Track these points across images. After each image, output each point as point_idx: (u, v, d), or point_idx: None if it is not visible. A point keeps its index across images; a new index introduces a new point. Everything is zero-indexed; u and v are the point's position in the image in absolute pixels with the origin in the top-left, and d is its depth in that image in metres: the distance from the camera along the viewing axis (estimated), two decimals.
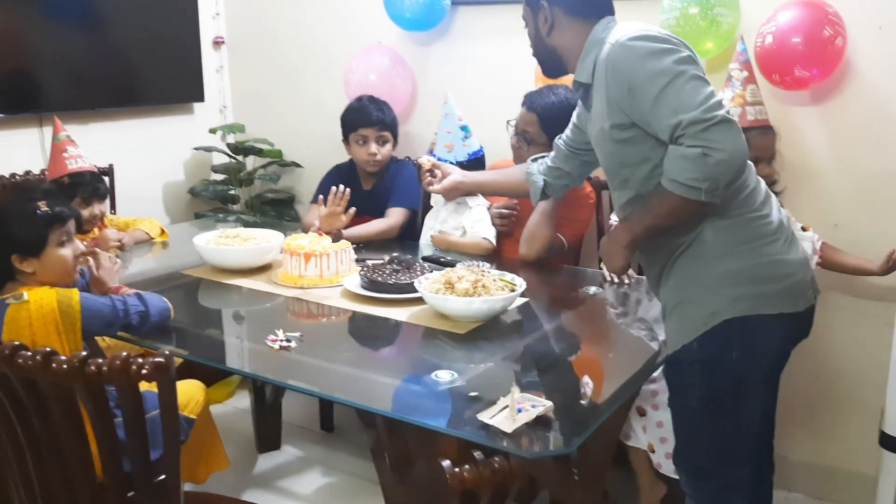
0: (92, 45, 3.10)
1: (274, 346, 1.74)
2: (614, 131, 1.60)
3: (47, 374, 1.16)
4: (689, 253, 1.61)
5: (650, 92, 1.49)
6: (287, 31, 3.46)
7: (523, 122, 2.46)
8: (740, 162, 1.48)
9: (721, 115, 1.44)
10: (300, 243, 2.21)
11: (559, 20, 1.71)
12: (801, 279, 1.62)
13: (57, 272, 1.74)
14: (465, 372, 1.62)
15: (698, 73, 1.51)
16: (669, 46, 1.52)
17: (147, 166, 3.24)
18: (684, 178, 1.47)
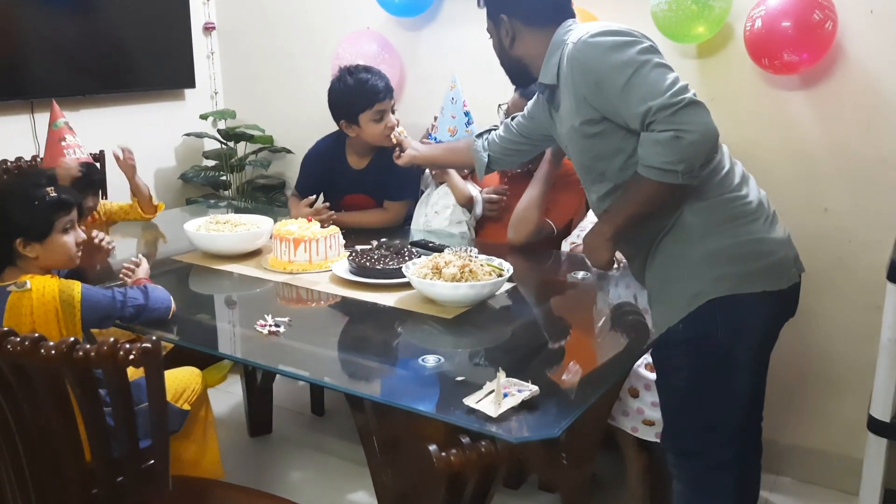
0: (83, 31, 3.09)
1: (263, 332, 1.75)
2: (585, 127, 1.63)
3: (36, 360, 1.17)
4: (670, 236, 1.63)
5: (617, 83, 1.53)
6: (277, 17, 3.45)
7: (516, 107, 2.46)
8: (712, 141, 1.50)
9: (689, 97, 1.48)
10: (289, 229, 2.22)
11: (520, 31, 1.76)
12: (784, 257, 1.64)
13: (60, 258, 1.76)
14: (452, 357, 1.64)
15: (661, 60, 1.54)
16: (630, 38, 1.55)
17: (138, 152, 3.20)
18: (659, 162, 1.49)
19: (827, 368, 2.53)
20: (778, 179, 2.37)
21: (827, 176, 2.42)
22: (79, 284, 1.68)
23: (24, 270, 1.71)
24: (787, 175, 2.42)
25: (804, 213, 2.37)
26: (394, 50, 3.09)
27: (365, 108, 2.52)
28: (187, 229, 2.34)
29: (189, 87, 3.49)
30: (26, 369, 1.20)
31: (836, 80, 2.36)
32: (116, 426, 1.31)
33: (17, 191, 1.76)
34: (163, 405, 1.29)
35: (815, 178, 2.43)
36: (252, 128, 3.48)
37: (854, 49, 2.32)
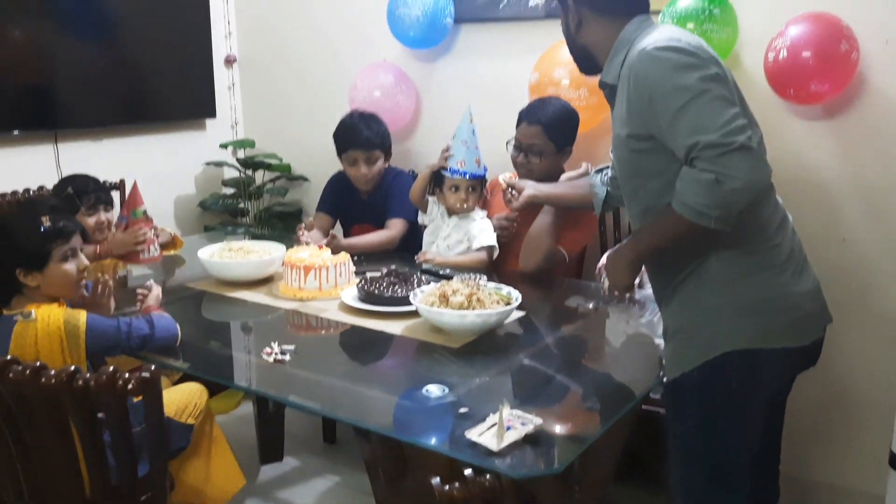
0: (107, 63, 3.16)
1: (269, 359, 1.76)
2: (631, 140, 1.55)
3: (36, 389, 1.19)
4: (693, 279, 1.56)
5: (670, 107, 1.43)
6: (297, 49, 3.51)
7: (528, 136, 2.47)
8: (755, 192, 1.42)
9: (741, 140, 1.38)
10: (300, 256, 2.23)
11: (586, 18, 1.66)
12: (809, 312, 1.56)
13: (61, 287, 1.77)
14: (457, 387, 1.62)
15: (724, 92, 1.44)
16: (697, 61, 1.45)
17: (159, 181, 3.29)
18: (695, 202, 1.41)
19: (848, 403, 2.46)
20: (795, 209, 2.33)
21: (845, 206, 2.38)
22: (84, 314, 1.69)
23: (31, 299, 1.74)
24: (805, 204, 2.39)
25: (822, 243, 2.33)
26: (410, 81, 3.13)
27: (341, 150, 2.81)
28: (201, 256, 2.37)
29: (210, 116, 3.55)
30: (28, 398, 1.22)
31: (857, 109, 2.32)
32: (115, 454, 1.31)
33: (16, 220, 1.80)
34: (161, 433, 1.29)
35: (833, 208, 2.39)
36: (270, 156, 3.52)
37: (875, 78, 2.28)
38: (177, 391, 1.98)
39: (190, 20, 3.42)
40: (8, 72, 2.86)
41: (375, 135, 2.77)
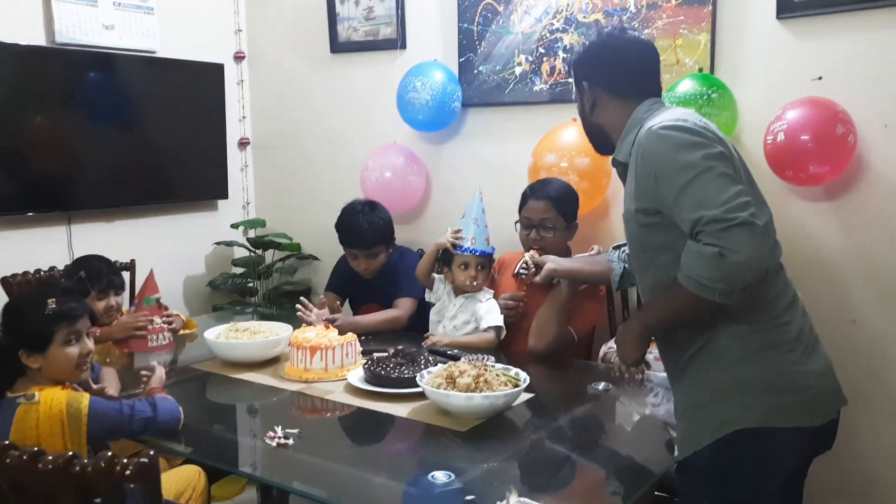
0: (122, 146, 3.25)
1: (272, 444, 1.73)
2: (639, 215, 1.59)
3: (33, 475, 1.17)
4: (702, 356, 1.56)
5: (675, 183, 1.47)
6: (308, 132, 3.60)
7: (538, 211, 2.51)
8: (758, 267, 1.43)
9: (744, 216, 1.40)
10: (307, 336, 2.23)
11: (600, 99, 1.72)
12: (821, 392, 1.54)
13: (61, 370, 1.76)
14: (464, 472, 1.59)
15: (727, 170, 1.47)
16: (702, 140, 1.49)
17: (169, 261, 3.32)
18: (699, 275, 1.43)
19: (862, 486, 2.39)
20: (802, 289, 2.32)
21: (853, 287, 2.37)
22: (87, 397, 1.68)
23: (35, 381, 1.73)
24: (812, 285, 2.37)
25: (832, 324, 2.31)
26: (420, 161, 3.19)
27: (343, 244, 2.87)
28: (207, 337, 2.37)
29: (222, 198, 3.62)
30: (25, 484, 1.20)
31: (858, 191, 2.35)
32: None
33: (24, 302, 1.80)
34: None
35: (842, 289, 2.38)
36: (280, 236, 3.57)
37: (875, 162, 2.32)
38: (175, 474, 1.94)
39: (205, 105, 3.53)
40: (25, 156, 2.94)
41: (376, 231, 2.78)
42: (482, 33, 2.97)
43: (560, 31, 2.80)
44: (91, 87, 3.13)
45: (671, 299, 1.54)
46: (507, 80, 2.94)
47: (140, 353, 2.48)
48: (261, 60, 3.72)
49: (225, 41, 3.66)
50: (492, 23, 2.94)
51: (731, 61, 2.52)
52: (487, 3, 2.93)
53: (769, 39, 2.46)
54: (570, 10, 2.77)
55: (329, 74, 3.49)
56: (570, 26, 2.78)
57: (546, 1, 2.82)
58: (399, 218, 3.05)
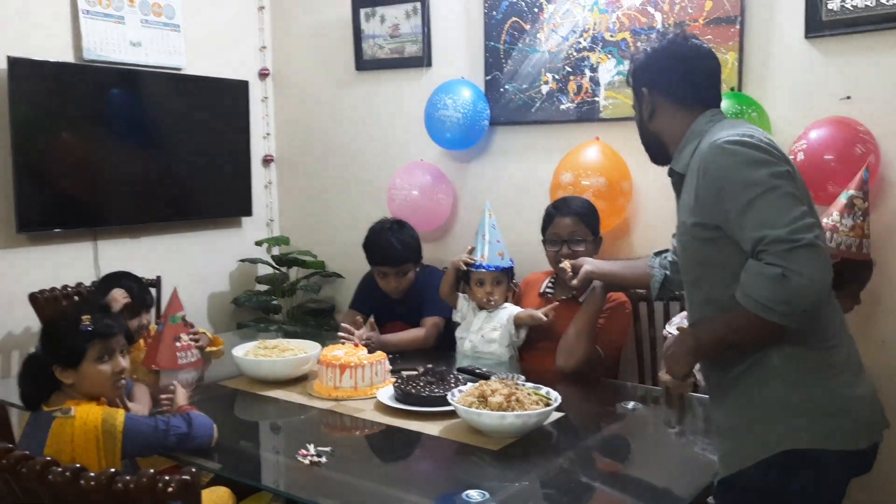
0: (149, 164, 3.28)
1: (304, 461, 1.72)
2: (696, 229, 1.56)
3: (76, 491, 1.17)
4: (752, 375, 1.54)
5: (739, 200, 1.44)
6: (334, 149, 3.62)
7: (566, 227, 2.51)
8: (821, 291, 1.40)
9: (809, 238, 1.37)
10: (336, 354, 2.22)
11: (660, 106, 1.68)
12: (867, 415, 1.53)
13: (95, 386, 1.76)
14: (498, 491, 1.57)
15: (793, 190, 1.45)
16: (768, 157, 1.47)
17: (194, 278, 3.34)
18: (760, 296, 1.40)
19: None
20: None
21: (880, 307, 2.34)
22: (123, 414, 1.69)
23: (70, 396, 1.74)
24: None
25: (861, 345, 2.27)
26: (447, 180, 3.20)
27: (372, 263, 2.86)
28: (235, 354, 2.37)
29: (246, 214, 3.64)
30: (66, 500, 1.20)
31: (882, 209, 2.33)
32: None
33: (62, 318, 1.81)
34: None
35: (869, 310, 2.35)
36: (304, 253, 3.58)
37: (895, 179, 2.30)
38: (205, 496, 1.93)
39: (230, 122, 3.56)
40: (53, 172, 2.97)
41: (406, 248, 2.78)
42: (508, 51, 2.98)
43: (587, 49, 2.81)
44: (118, 104, 3.17)
45: (729, 318, 1.51)
46: (534, 98, 2.95)
47: (168, 371, 2.49)
48: (285, 77, 3.75)
49: (250, 58, 3.70)
50: (518, 41, 2.95)
51: (759, 80, 2.52)
52: (514, 21, 2.95)
53: (797, 58, 2.46)
54: (598, 28, 2.78)
55: (354, 92, 3.51)
56: (597, 45, 2.79)
57: (573, 20, 2.83)
58: (426, 236, 3.05)
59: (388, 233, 2.80)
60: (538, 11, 2.90)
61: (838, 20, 2.35)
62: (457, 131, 2.97)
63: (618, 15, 2.74)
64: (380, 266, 2.81)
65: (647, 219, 2.83)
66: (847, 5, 2.33)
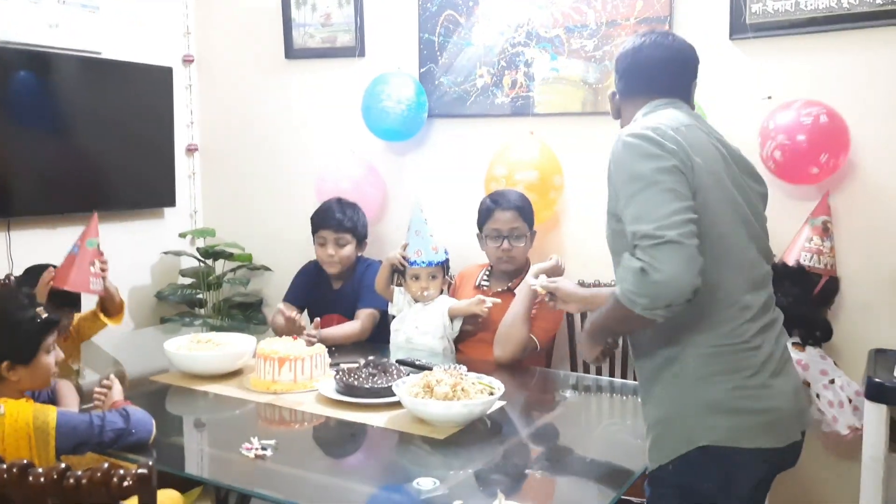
0: (65, 152, 3.12)
1: (249, 455, 1.69)
2: (611, 219, 1.60)
3: (24, 488, 1.11)
4: (669, 372, 1.56)
5: (624, 193, 1.50)
6: (261, 139, 3.54)
7: (507, 221, 2.54)
8: (680, 288, 1.40)
9: (672, 235, 1.40)
10: (274, 348, 2.18)
11: (619, 104, 1.76)
12: (785, 415, 1.55)
13: (41, 379, 1.72)
14: (446, 479, 1.59)
15: (675, 186, 1.46)
16: (658, 152, 1.49)
17: (114, 270, 3.18)
18: (625, 289, 1.44)
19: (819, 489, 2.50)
20: None
21: None
22: (54, 410, 1.61)
23: (0, 394, 1.64)
24: None
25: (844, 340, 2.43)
26: (377, 172, 3.18)
27: (314, 230, 2.86)
28: (167, 349, 2.29)
29: (170, 205, 3.52)
30: (12, 499, 1.13)
31: None
32: None
33: (10, 312, 1.71)
34: None
35: None
36: (231, 245, 3.49)
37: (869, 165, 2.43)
38: None
39: (152, 109, 3.43)
40: None
41: (348, 219, 2.81)
42: (444, 44, 2.99)
43: (522, 45, 2.85)
44: (31, 89, 2.99)
45: (610, 307, 1.55)
46: (469, 91, 2.97)
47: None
48: (211, 64, 3.64)
49: (173, 43, 3.57)
50: (454, 34, 2.97)
51: None
52: (449, 13, 2.96)
53: (722, 58, 2.57)
54: (532, 25, 2.83)
55: (283, 81, 3.44)
56: (531, 41, 2.84)
57: (508, 15, 2.87)
58: None
59: (335, 202, 2.86)
60: (473, 5, 2.92)
61: (761, 23, 2.47)
62: (398, 123, 2.96)
63: (552, 11, 2.79)
64: (321, 230, 2.81)
65: (578, 213, 2.90)
66: (769, 9, 2.45)
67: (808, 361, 2.35)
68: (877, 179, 2.42)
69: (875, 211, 2.42)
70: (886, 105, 2.38)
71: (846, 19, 2.36)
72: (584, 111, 2.79)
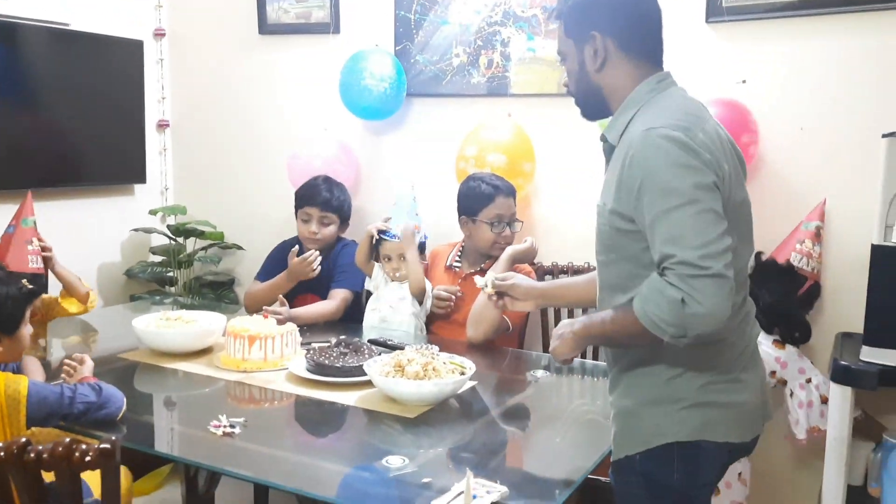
0: (30, 125, 3.04)
1: (217, 433, 1.68)
2: (614, 217, 1.46)
3: None
4: (640, 368, 1.53)
5: (656, 207, 1.35)
6: (232, 116, 3.49)
7: (510, 209, 2.54)
8: (718, 322, 1.33)
9: (718, 268, 1.31)
10: (245, 326, 2.16)
11: (611, 56, 1.50)
12: (752, 408, 1.54)
13: (18, 350, 1.72)
14: (416, 457, 1.59)
15: (714, 206, 1.35)
16: (697, 164, 1.35)
17: (83, 247, 3.15)
18: (655, 314, 1.35)
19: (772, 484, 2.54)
20: None
21: None
22: (26, 380, 1.60)
23: None
24: None
25: None
26: (351, 151, 3.15)
27: (298, 206, 2.83)
28: (136, 326, 2.26)
29: (140, 182, 3.46)
30: None
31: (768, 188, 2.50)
32: None
33: None
34: None
35: None
36: (203, 223, 3.44)
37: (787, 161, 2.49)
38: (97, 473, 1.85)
39: (122, 84, 3.36)
40: None
41: (335, 199, 2.79)
42: (420, 22, 2.96)
43: (498, 24, 2.83)
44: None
45: (621, 321, 1.45)
46: (445, 71, 2.95)
47: None
48: (183, 38, 3.57)
49: (144, 16, 3.50)
50: (430, 12, 2.94)
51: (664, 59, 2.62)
52: None
53: (698, 41, 2.57)
54: (509, 4, 2.81)
55: (257, 56, 3.39)
56: (508, 20, 2.82)
57: None
58: None
59: (320, 179, 2.84)
60: None
61: (737, 6, 2.48)
62: (379, 102, 2.92)
63: None
64: (306, 207, 2.79)
65: (551, 195, 2.89)
66: None
67: (787, 360, 2.37)
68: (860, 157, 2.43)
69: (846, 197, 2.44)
70: (860, 89, 2.40)
71: (821, 4, 2.38)
72: (560, 92, 2.76)
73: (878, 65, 2.36)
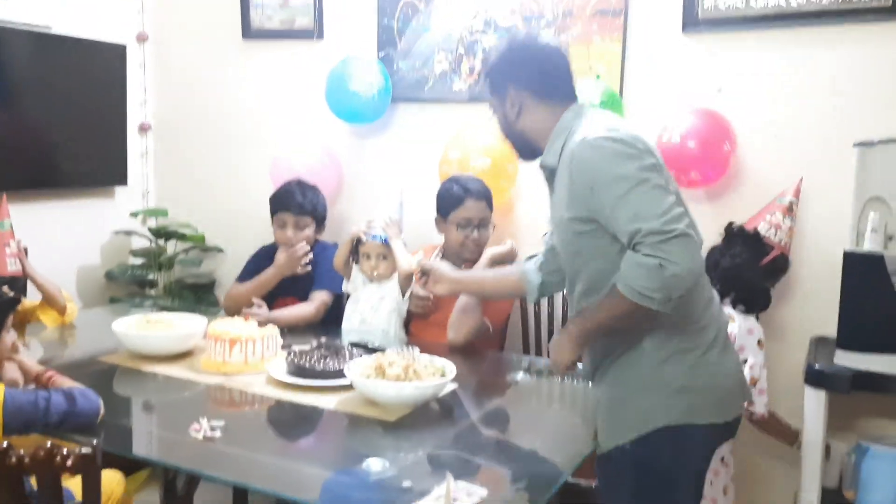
0: (12, 127, 3.02)
1: (198, 436, 1.68)
2: (574, 223, 1.62)
3: None
4: (625, 358, 1.63)
5: (612, 195, 1.52)
6: (215, 120, 3.49)
7: (480, 211, 2.54)
8: (695, 277, 1.51)
9: (680, 228, 1.47)
10: (225, 329, 2.17)
11: (526, 104, 1.72)
12: (731, 389, 1.66)
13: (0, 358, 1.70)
14: (396, 461, 1.60)
15: (661, 182, 1.53)
16: (634, 151, 1.54)
17: (63, 249, 3.14)
18: (639, 285, 1.48)
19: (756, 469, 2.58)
20: None
21: None
22: (1, 387, 1.59)
23: None
24: None
25: None
26: (334, 155, 3.16)
27: (273, 212, 2.80)
28: (116, 329, 2.26)
29: (121, 184, 3.45)
30: None
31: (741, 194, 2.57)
32: None
33: None
34: None
35: None
36: (184, 226, 3.44)
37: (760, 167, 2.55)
38: None
39: (104, 87, 3.34)
40: None
41: (308, 202, 2.78)
42: (402, 29, 2.99)
43: (480, 32, 2.87)
44: None
45: (610, 307, 1.58)
46: (427, 77, 2.97)
47: None
48: (166, 42, 3.56)
49: (127, 20, 3.48)
50: (412, 19, 2.96)
51: (640, 69, 2.67)
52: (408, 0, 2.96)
53: (675, 51, 2.62)
54: (489, 13, 2.84)
55: (240, 61, 3.39)
56: (489, 28, 2.85)
57: (466, 2, 2.87)
58: None
59: (294, 184, 2.82)
60: None
61: (713, 18, 2.52)
62: (366, 107, 2.93)
63: (509, 0, 2.81)
64: (281, 213, 2.77)
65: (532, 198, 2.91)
66: (720, 5, 2.51)
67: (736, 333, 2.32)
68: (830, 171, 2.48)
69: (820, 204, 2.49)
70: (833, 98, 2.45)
71: (795, 17, 2.43)
72: None
73: (851, 75, 2.42)
